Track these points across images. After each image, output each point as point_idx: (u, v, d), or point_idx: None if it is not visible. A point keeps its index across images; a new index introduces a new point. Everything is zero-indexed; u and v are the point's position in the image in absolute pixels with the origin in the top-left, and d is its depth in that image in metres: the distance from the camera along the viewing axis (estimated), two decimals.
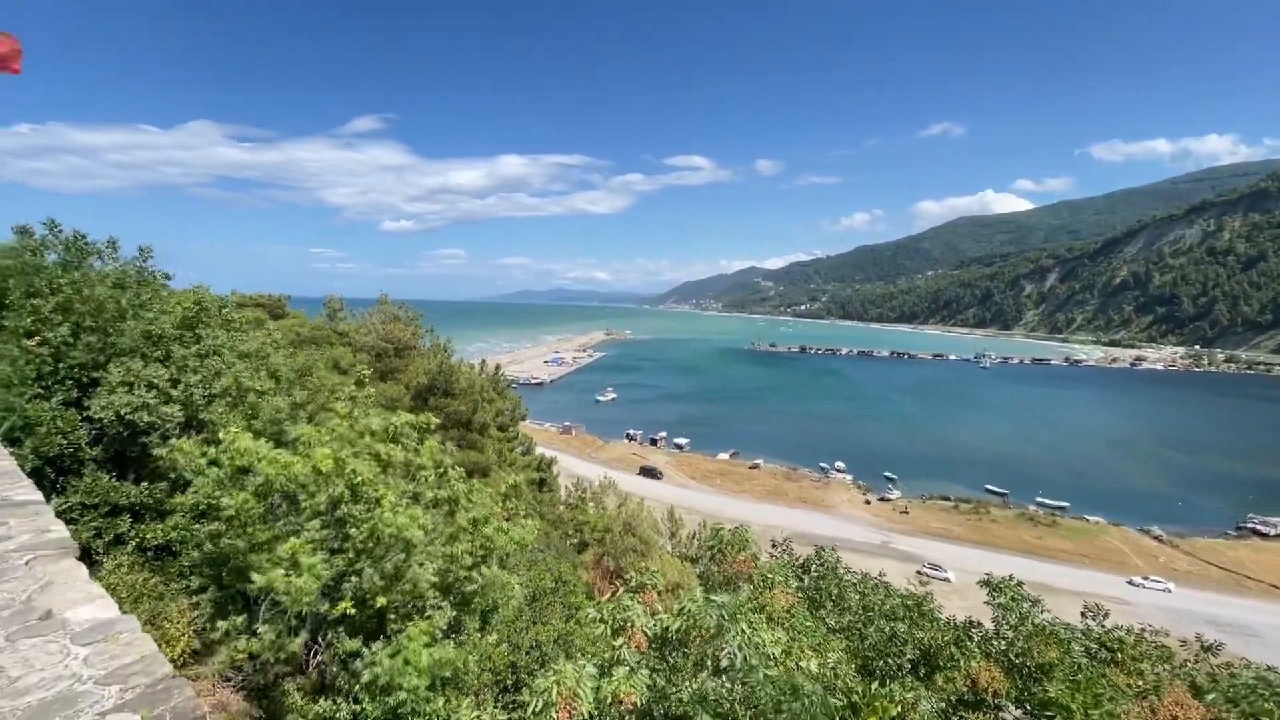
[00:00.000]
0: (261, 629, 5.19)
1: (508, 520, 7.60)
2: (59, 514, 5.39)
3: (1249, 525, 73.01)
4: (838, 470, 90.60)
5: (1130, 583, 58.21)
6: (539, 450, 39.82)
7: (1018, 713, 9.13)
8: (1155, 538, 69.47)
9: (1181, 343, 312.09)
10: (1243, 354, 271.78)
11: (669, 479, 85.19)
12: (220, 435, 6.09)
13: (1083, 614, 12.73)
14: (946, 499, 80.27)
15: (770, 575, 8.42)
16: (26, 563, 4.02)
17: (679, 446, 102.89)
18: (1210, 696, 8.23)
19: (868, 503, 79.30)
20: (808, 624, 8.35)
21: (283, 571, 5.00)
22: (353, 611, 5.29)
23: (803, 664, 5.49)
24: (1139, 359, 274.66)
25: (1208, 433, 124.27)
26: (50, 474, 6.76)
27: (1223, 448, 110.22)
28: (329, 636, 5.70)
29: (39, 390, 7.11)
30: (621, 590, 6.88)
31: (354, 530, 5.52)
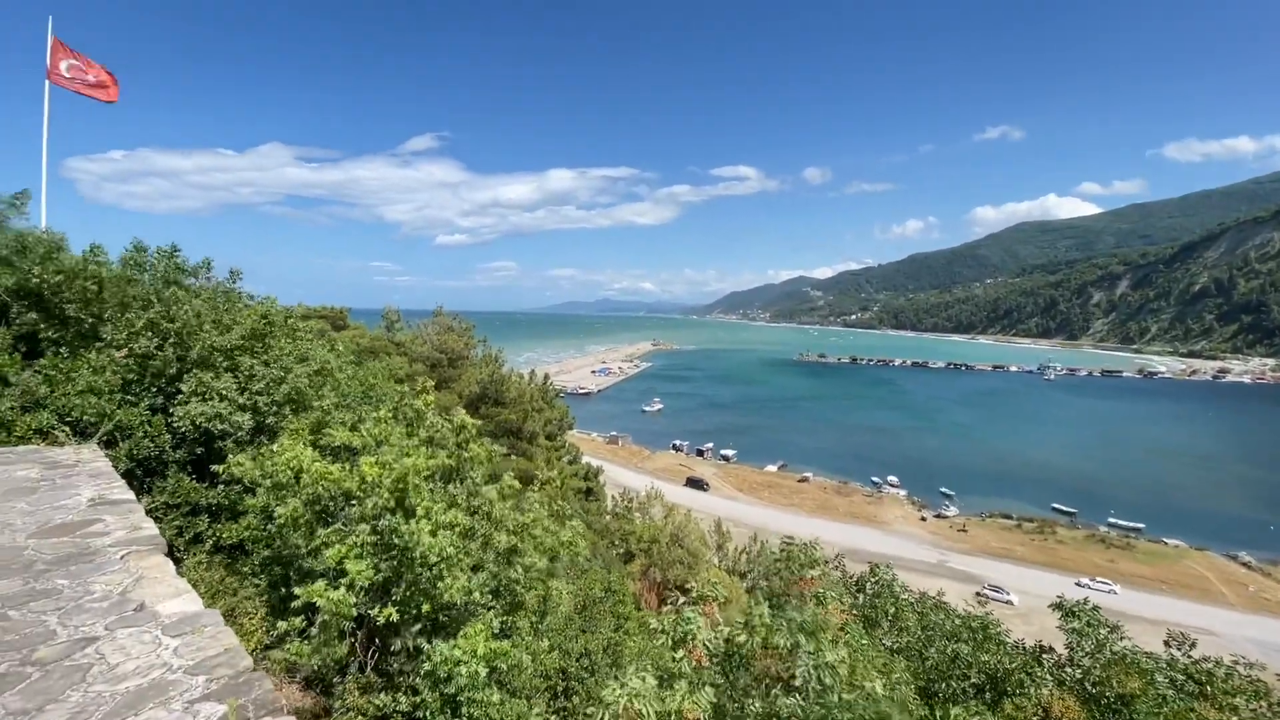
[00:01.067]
0: (313, 632, 5.37)
1: (558, 525, 7.64)
2: (147, 512, 5.76)
3: None
4: (891, 485, 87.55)
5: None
6: (586, 459, 40.05)
7: None
8: (1244, 564, 64.17)
9: (1271, 354, 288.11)
10: None
11: (716, 490, 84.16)
12: (275, 446, 6.36)
13: (1166, 643, 11.88)
14: (1008, 517, 76.33)
15: (823, 591, 8.14)
16: (122, 557, 4.31)
17: (725, 458, 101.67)
18: None
19: (923, 519, 76.24)
20: (863, 642, 8.06)
21: (324, 584, 5.16)
22: (396, 618, 5.43)
23: (867, 684, 5.26)
24: (1222, 371, 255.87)
25: None
26: (139, 474, 7.23)
27: None
28: (385, 639, 5.86)
29: (128, 398, 7.64)
30: (682, 601, 6.81)
31: (396, 539, 5.68)
